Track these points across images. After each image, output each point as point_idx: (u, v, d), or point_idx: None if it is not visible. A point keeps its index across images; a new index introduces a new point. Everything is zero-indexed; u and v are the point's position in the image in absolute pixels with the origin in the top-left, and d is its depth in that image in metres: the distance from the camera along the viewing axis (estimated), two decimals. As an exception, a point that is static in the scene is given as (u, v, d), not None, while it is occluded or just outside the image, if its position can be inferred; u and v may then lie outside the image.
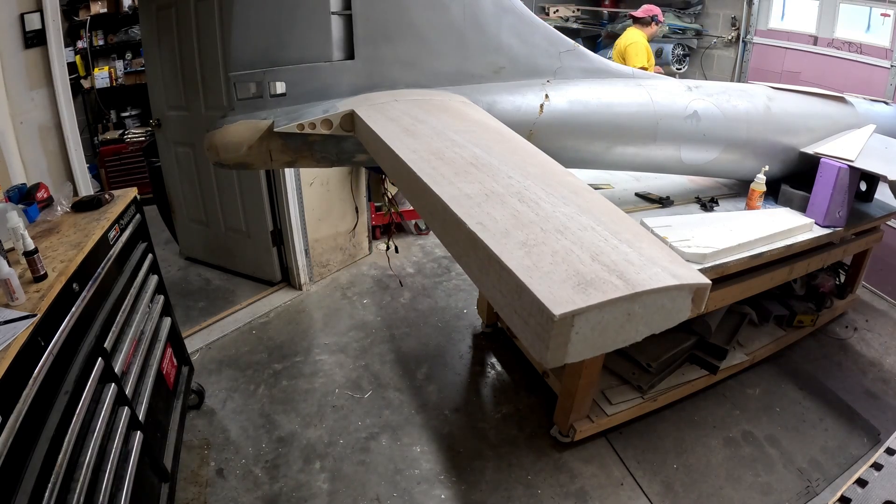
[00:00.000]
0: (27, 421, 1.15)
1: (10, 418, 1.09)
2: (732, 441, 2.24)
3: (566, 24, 4.72)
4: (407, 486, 2.02)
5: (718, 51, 4.20)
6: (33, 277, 1.38)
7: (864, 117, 2.27)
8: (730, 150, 1.95)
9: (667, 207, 2.11)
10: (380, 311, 3.04)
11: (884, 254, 3.10)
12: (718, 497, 2.00)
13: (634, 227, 0.62)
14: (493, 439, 2.23)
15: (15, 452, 1.09)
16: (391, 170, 0.96)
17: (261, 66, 1.30)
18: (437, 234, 0.67)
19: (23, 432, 1.13)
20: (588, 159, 1.75)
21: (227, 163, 1.36)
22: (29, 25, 1.92)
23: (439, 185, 0.70)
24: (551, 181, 0.72)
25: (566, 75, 1.67)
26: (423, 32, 1.42)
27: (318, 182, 3.08)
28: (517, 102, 1.55)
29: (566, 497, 1.99)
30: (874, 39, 3.25)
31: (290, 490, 1.99)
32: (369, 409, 2.37)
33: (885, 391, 2.52)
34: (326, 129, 1.27)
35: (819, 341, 2.84)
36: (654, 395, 2.23)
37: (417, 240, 3.81)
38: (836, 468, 2.13)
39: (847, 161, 1.96)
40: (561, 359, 0.46)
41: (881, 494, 1.16)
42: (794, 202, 2.13)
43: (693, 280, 0.52)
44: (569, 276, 0.47)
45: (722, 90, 1.94)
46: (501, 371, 2.63)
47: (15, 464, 1.10)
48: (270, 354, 2.67)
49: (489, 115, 1.34)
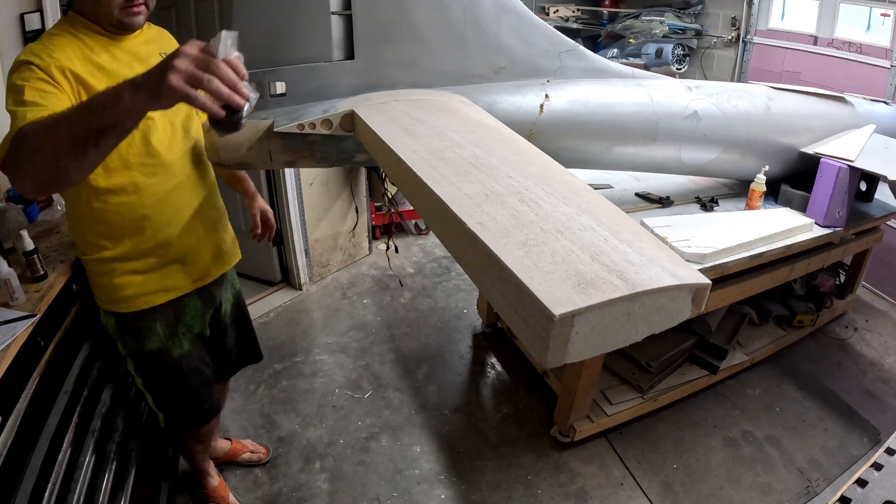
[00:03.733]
0: (27, 421, 1.15)
1: (10, 418, 1.10)
2: (732, 441, 2.24)
3: (566, 24, 4.71)
4: (407, 486, 2.02)
5: (718, 51, 4.20)
6: (33, 277, 1.38)
7: (864, 117, 2.27)
8: (730, 150, 1.95)
9: (667, 207, 2.11)
10: (380, 311, 3.04)
11: (884, 254, 3.10)
12: (718, 497, 2.00)
13: (634, 227, 0.62)
14: (493, 439, 2.23)
15: (15, 452, 1.09)
16: (391, 170, 0.96)
17: (261, 66, 1.30)
18: (437, 234, 0.67)
19: (23, 432, 1.13)
20: (588, 159, 1.75)
21: (227, 163, 1.36)
22: (29, 25, 1.92)
23: (439, 185, 0.70)
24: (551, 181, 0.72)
25: (566, 75, 1.66)
26: (423, 32, 1.42)
27: (318, 182, 3.08)
28: (517, 102, 1.55)
29: (566, 497, 2.00)
30: (874, 39, 3.24)
31: (290, 490, 1.99)
32: (369, 409, 2.37)
33: (885, 391, 2.52)
34: (326, 129, 1.27)
35: (819, 341, 2.84)
36: (654, 395, 2.24)
37: (417, 240, 3.81)
38: (836, 468, 2.13)
39: (847, 161, 1.96)
40: (561, 359, 0.46)
41: (881, 494, 1.16)
42: (794, 202, 2.13)
43: (693, 280, 0.51)
44: (569, 276, 0.47)
45: (722, 90, 1.94)
46: (501, 371, 2.63)
47: (15, 464, 1.10)
48: (270, 354, 2.67)
49: (489, 115, 1.34)
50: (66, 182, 0.86)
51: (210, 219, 1.48)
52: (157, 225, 1.33)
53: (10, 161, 0.88)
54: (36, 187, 0.88)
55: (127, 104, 0.76)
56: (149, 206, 1.30)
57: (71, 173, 0.84)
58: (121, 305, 1.37)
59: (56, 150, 0.81)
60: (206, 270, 1.49)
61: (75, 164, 0.83)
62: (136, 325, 1.40)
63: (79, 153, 0.81)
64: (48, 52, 1.09)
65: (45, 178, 0.84)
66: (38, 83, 1.05)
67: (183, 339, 1.48)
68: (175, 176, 1.34)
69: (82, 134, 0.79)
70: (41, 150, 0.82)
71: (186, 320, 1.49)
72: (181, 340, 1.48)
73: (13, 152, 0.88)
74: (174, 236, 1.36)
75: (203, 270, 1.48)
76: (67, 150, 0.80)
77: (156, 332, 1.43)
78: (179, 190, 1.35)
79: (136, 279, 1.35)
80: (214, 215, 1.50)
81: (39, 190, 0.90)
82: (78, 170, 0.85)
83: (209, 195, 1.47)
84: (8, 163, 0.89)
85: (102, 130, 0.79)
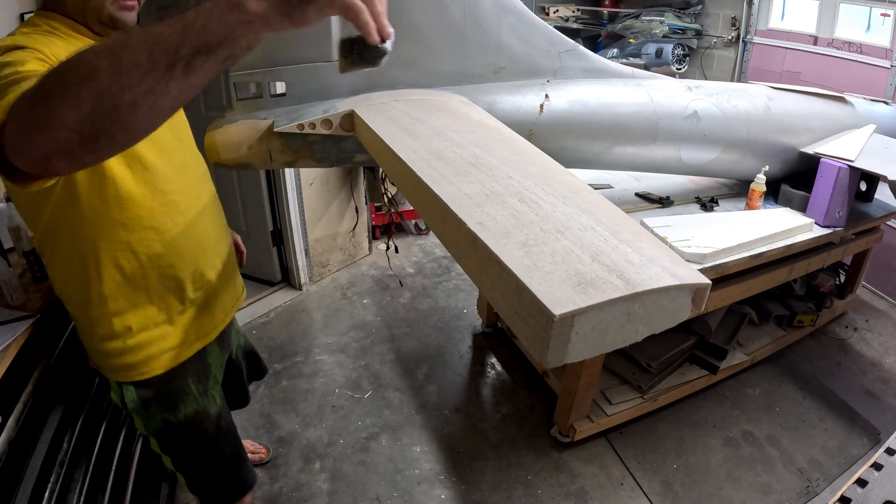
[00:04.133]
0: (27, 421, 1.15)
1: (9, 418, 1.10)
2: (732, 441, 2.24)
3: (566, 24, 4.71)
4: (407, 486, 2.02)
5: (718, 51, 4.20)
6: (33, 277, 1.38)
7: (864, 117, 2.27)
8: (730, 150, 1.95)
9: (667, 207, 2.11)
10: (380, 311, 3.04)
11: (884, 254, 3.10)
12: (718, 497, 2.00)
13: (634, 226, 0.62)
14: (493, 439, 2.23)
15: (15, 452, 1.09)
16: (391, 170, 0.96)
17: (261, 66, 1.30)
18: (437, 234, 0.67)
19: (23, 432, 1.13)
20: (588, 159, 1.75)
21: (227, 163, 1.36)
22: (29, 25, 1.93)
23: (439, 185, 0.70)
24: (551, 181, 0.72)
25: (566, 75, 1.67)
26: (423, 32, 1.42)
27: (318, 182, 3.08)
28: (517, 102, 1.55)
29: (566, 497, 1.99)
30: (874, 39, 3.24)
31: (290, 490, 1.99)
32: (369, 409, 2.37)
33: (885, 391, 2.52)
34: (326, 129, 1.27)
35: (819, 341, 2.84)
36: (654, 395, 2.24)
37: (417, 240, 3.81)
38: (836, 468, 2.13)
39: (847, 161, 1.97)
40: (561, 359, 0.46)
41: (881, 494, 1.16)
42: (794, 202, 2.13)
43: (693, 280, 0.51)
44: (569, 276, 0.47)
45: (722, 90, 1.94)
46: (501, 371, 2.63)
47: (15, 464, 1.10)
48: (270, 354, 2.67)
49: (489, 115, 1.34)
50: (121, 133, 0.56)
51: (226, 244, 1.30)
52: (181, 264, 1.12)
53: (24, 107, 0.58)
54: (66, 143, 0.55)
55: (250, 13, 0.53)
56: (170, 241, 1.09)
57: (138, 115, 0.54)
58: (143, 370, 1.13)
59: (122, 75, 0.52)
60: (226, 308, 1.31)
61: (149, 99, 0.54)
62: (166, 390, 1.16)
63: (158, 80, 0.53)
64: (33, 41, 0.87)
65: (92, 123, 0.54)
66: (36, 63, 0.80)
67: (214, 393, 1.26)
68: (190, 199, 1.14)
69: (170, 50, 0.53)
70: (95, 76, 0.52)
71: (213, 371, 1.28)
72: (214, 395, 1.25)
73: (33, 95, 0.57)
74: (197, 273, 1.17)
75: (224, 309, 1.30)
76: (142, 75, 0.52)
77: (190, 393, 1.19)
78: (199, 215, 1.16)
79: (158, 333, 1.13)
80: (227, 239, 1.33)
81: (69, 149, 0.56)
82: (151, 109, 0.55)
83: (220, 214, 1.28)
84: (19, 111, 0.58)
85: (201, 49, 0.54)
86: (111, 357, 1.12)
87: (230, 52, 0.55)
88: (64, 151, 0.56)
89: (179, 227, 1.10)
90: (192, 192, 1.15)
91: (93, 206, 0.99)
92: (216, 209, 1.27)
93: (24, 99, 0.58)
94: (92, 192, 0.98)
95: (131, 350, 1.11)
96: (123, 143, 0.58)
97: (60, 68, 0.55)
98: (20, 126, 0.57)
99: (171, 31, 0.53)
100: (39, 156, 0.57)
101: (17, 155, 0.59)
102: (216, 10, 0.53)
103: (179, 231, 1.10)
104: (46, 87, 0.55)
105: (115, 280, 1.05)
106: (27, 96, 0.58)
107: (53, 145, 0.55)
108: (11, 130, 0.58)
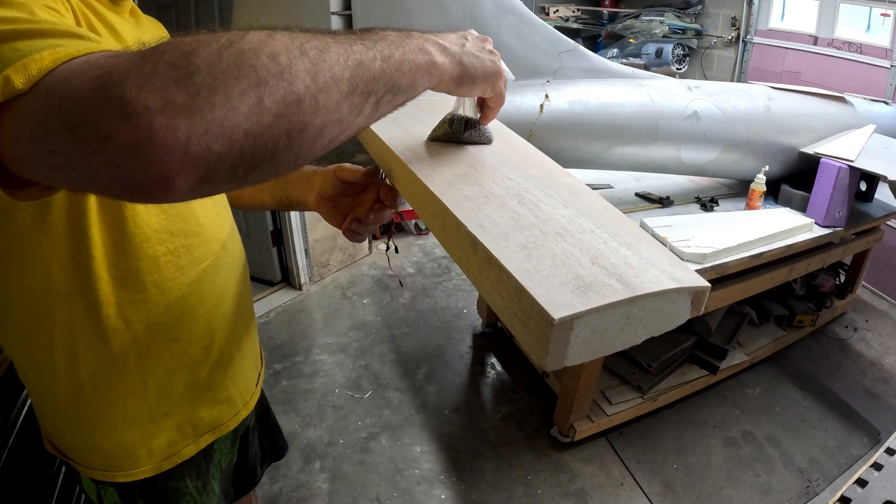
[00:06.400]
0: (27, 421, 1.15)
1: (10, 418, 1.10)
2: (732, 441, 2.24)
3: (566, 24, 4.72)
4: (407, 486, 2.02)
5: (718, 51, 4.20)
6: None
7: (864, 117, 2.27)
8: (730, 150, 1.95)
9: (667, 207, 2.11)
10: (380, 311, 3.04)
11: (884, 254, 3.11)
12: (718, 497, 2.00)
13: (634, 229, 0.62)
14: (493, 439, 2.23)
15: (15, 453, 1.09)
16: (390, 170, 0.96)
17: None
18: (437, 235, 0.67)
19: (23, 432, 1.13)
20: (588, 159, 1.75)
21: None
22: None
23: (439, 186, 0.70)
24: (551, 182, 0.72)
25: (566, 75, 1.67)
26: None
27: (318, 182, 3.08)
28: (517, 102, 1.55)
29: (566, 497, 2.00)
30: (874, 39, 3.25)
31: (290, 490, 2.00)
32: (369, 409, 2.37)
33: (885, 391, 2.53)
34: (326, 130, 1.27)
35: (819, 341, 2.84)
36: (654, 395, 2.24)
37: (417, 240, 3.82)
38: (836, 468, 2.13)
39: (847, 161, 1.97)
40: (560, 362, 0.46)
41: (881, 494, 1.16)
42: (794, 202, 2.13)
43: (692, 283, 0.51)
44: (568, 280, 0.47)
45: (722, 90, 1.94)
46: (501, 371, 2.63)
47: (15, 464, 1.10)
48: (270, 354, 2.67)
49: (489, 115, 1.34)
50: (287, 163, 0.40)
51: (248, 298, 0.97)
52: (191, 332, 0.79)
53: (148, 86, 0.33)
54: (217, 158, 0.35)
55: (435, 63, 0.49)
56: (175, 301, 0.76)
57: (316, 146, 0.41)
58: (130, 470, 0.80)
59: (322, 91, 0.39)
60: (249, 388, 0.97)
61: (336, 130, 0.42)
62: (158, 491, 0.85)
63: (352, 110, 0.42)
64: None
65: (265, 140, 0.36)
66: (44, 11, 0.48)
67: (214, 484, 0.95)
68: (207, 239, 0.80)
69: (371, 79, 0.43)
70: (291, 79, 0.37)
71: (216, 459, 0.94)
72: (213, 487, 0.94)
73: (173, 74, 0.34)
74: (210, 343, 0.83)
75: (248, 389, 0.96)
76: (340, 98, 0.41)
77: (187, 493, 0.89)
78: (216, 259, 0.81)
79: (154, 429, 0.80)
80: (248, 291, 0.98)
81: (217, 166, 0.35)
82: (330, 143, 0.43)
83: (241, 253, 0.93)
84: (141, 87, 0.33)
85: (393, 87, 0.46)
86: (87, 452, 0.80)
87: (408, 98, 0.49)
88: (208, 168, 0.35)
89: (190, 279, 0.77)
90: (212, 227, 0.80)
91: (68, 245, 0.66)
92: (235, 247, 0.89)
93: (140, 72, 0.34)
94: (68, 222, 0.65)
95: (115, 447, 0.79)
96: (274, 175, 0.41)
97: (232, 46, 0.36)
98: (149, 115, 0.33)
99: (371, 54, 0.44)
100: (163, 167, 0.33)
101: (126, 156, 0.33)
102: (409, 48, 0.46)
103: (189, 284, 0.77)
104: (210, 67, 0.34)
105: (97, 358, 0.72)
106: (147, 69, 0.34)
107: (198, 159, 0.34)
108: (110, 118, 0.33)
